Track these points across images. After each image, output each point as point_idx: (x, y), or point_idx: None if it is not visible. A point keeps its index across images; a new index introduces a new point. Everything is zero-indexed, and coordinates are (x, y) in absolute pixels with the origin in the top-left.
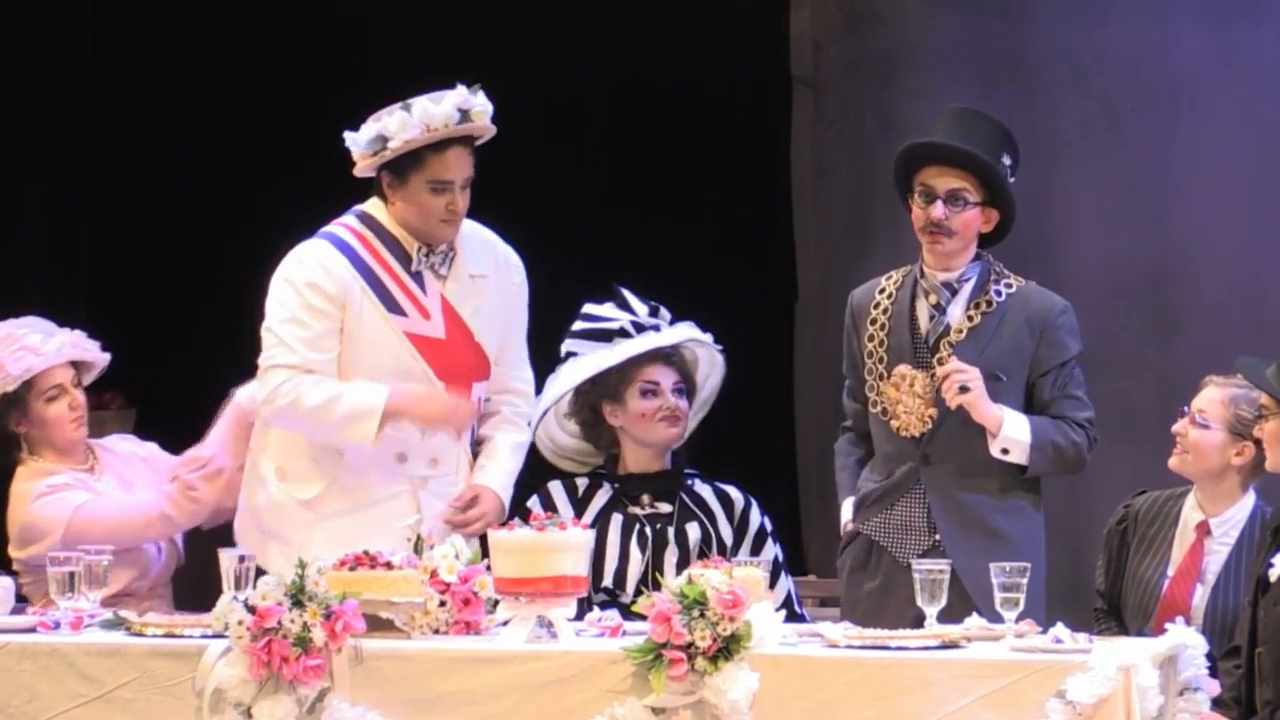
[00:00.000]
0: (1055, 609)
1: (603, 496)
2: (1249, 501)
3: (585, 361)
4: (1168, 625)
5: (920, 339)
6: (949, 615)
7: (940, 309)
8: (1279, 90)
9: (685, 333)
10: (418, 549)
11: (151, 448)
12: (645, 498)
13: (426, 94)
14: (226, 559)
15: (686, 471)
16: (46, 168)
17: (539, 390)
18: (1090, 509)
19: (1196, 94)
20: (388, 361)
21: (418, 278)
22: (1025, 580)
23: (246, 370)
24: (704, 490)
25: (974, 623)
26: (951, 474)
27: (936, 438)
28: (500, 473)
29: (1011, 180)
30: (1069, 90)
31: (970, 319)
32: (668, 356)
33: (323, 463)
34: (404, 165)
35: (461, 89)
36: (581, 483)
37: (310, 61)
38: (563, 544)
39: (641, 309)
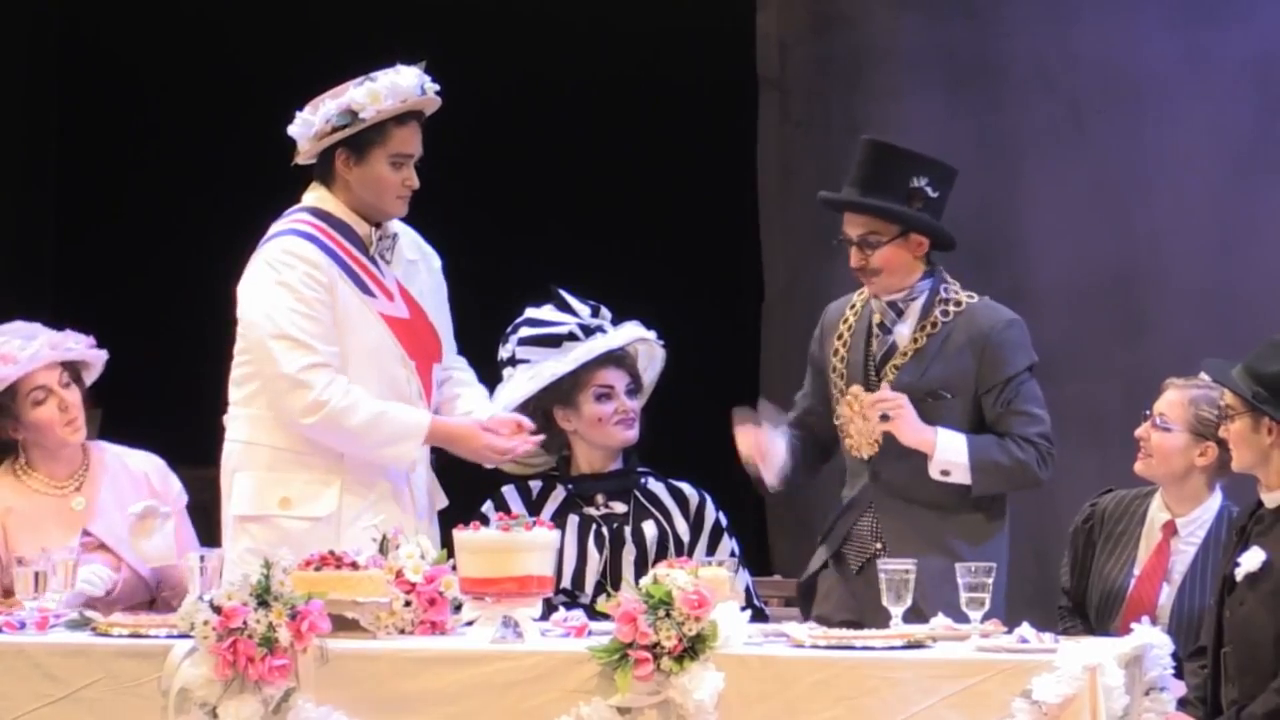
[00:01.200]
0: (1021, 609)
1: (557, 498)
2: (1215, 501)
3: (538, 369)
4: (1134, 625)
5: (871, 359)
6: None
7: (886, 329)
8: (1246, 91)
9: (633, 332)
10: (383, 549)
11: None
12: (600, 498)
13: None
14: (191, 559)
15: (639, 470)
16: (12, 168)
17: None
18: (1056, 508)
19: (1164, 95)
20: (372, 343)
21: (374, 262)
22: (991, 580)
23: (214, 368)
24: (658, 488)
25: (939, 623)
26: (900, 493)
27: (886, 458)
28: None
29: (936, 195)
30: (1036, 91)
31: (915, 340)
32: (619, 358)
33: (331, 471)
34: (367, 140)
35: (409, 67)
36: (535, 485)
37: (275, 60)
38: (528, 544)
39: (583, 309)
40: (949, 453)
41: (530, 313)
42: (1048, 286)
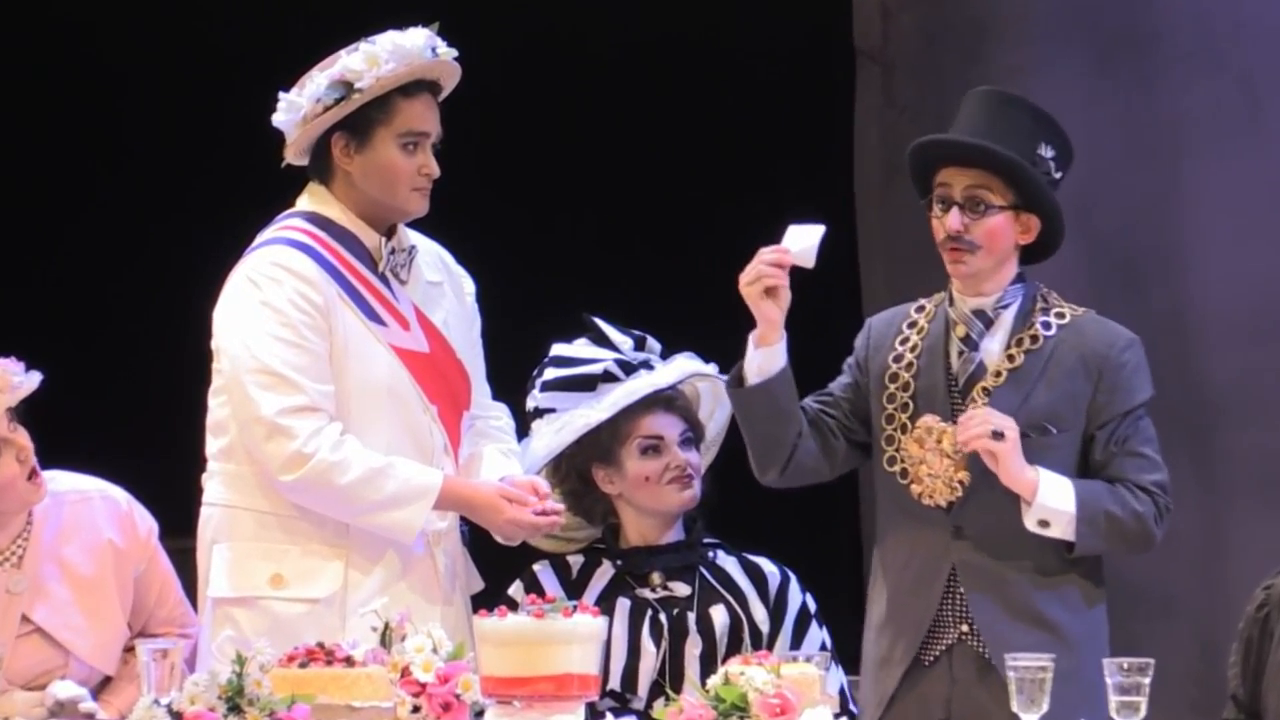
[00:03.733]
0: (1183, 716)
1: (602, 578)
2: None
3: (569, 419)
4: None
5: (951, 381)
6: None
7: (971, 344)
8: None
9: (686, 367)
10: (385, 640)
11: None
12: (656, 577)
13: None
14: (144, 651)
15: (706, 541)
16: None
17: None
18: (1226, 590)
19: None
20: (381, 382)
21: (384, 281)
22: (1148, 680)
23: (187, 416)
24: (729, 564)
25: None
26: (989, 550)
27: (969, 506)
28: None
29: (1058, 177)
30: (1200, 67)
31: (1011, 358)
32: (669, 400)
33: (334, 540)
34: (368, 118)
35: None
36: (575, 562)
37: (262, 37)
38: (568, 635)
39: (624, 342)
40: (1052, 499)
41: (558, 350)
42: (1215, 312)
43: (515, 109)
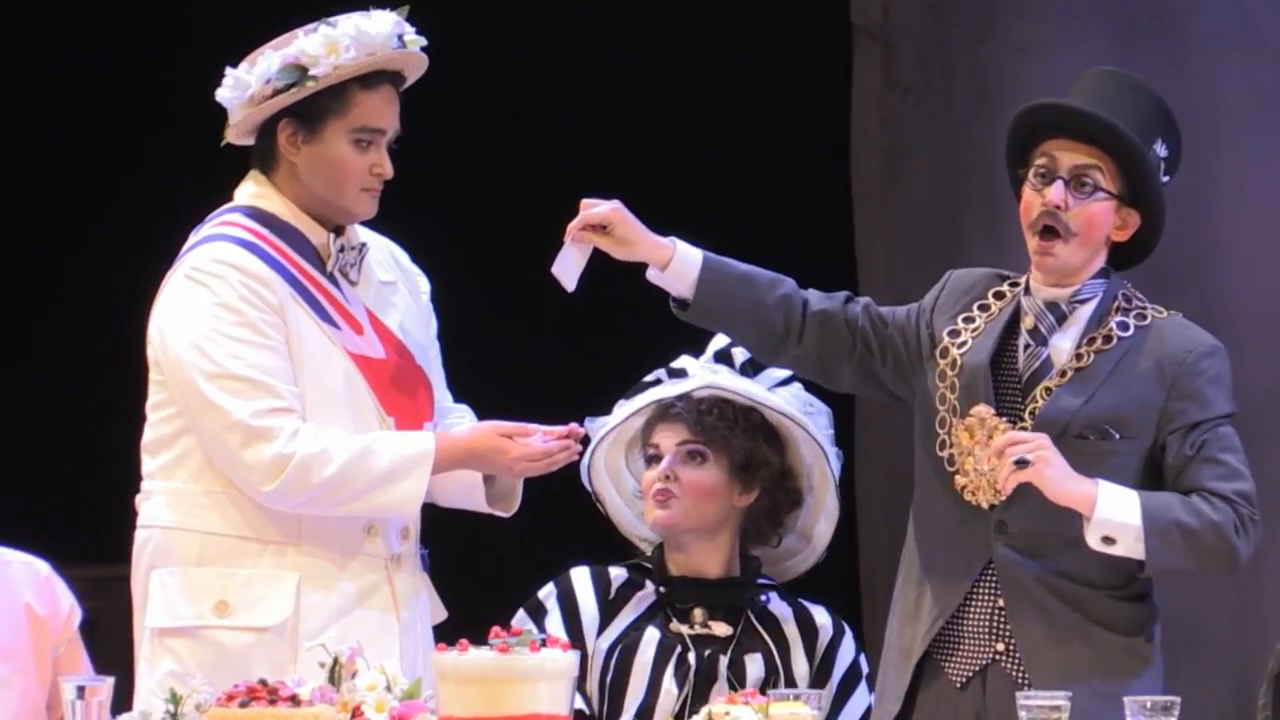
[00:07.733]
0: None
1: (642, 601)
2: None
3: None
4: None
5: (1012, 375)
6: None
7: (1040, 338)
8: None
9: (704, 379)
10: (333, 677)
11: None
12: (698, 612)
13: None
14: (69, 689)
15: (761, 580)
16: None
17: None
18: (1263, 623)
19: None
20: (338, 389)
21: (333, 282)
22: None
23: (118, 431)
24: (781, 610)
25: None
26: (1035, 551)
27: (1015, 508)
28: None
29: (1166, 180)
30: (1234, 48)
31: (1080, 357)
32: (669, 408)
33: (284, 561)
34: (321, 108)
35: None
36: (617, 576)
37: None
38: (534, 671)
39: (714, 348)
40: (1114, 511)
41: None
42: (1248, 314)
43: (480, 92)
